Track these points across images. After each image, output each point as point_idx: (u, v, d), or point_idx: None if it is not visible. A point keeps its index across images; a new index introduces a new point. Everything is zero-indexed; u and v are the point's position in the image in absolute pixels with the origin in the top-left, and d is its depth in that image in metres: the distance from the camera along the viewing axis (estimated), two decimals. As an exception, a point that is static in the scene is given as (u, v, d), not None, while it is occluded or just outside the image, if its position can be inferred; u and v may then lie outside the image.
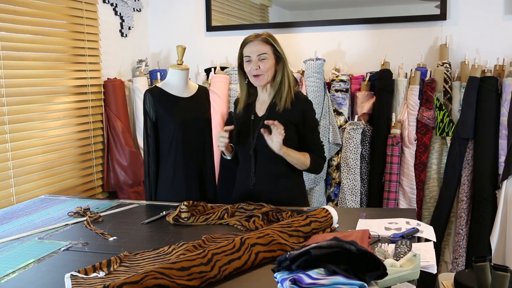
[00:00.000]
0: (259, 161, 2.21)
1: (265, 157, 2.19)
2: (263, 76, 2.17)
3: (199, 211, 2.08)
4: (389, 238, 1.70)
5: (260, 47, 2.16)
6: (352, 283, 1.14)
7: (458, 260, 2.88)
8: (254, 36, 2.19)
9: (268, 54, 2.15)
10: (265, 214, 1.94)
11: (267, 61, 2.15)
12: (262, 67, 2.15)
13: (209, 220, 1.99)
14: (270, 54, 2.17)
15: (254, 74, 2.17)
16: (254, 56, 2.15)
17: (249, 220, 1.90)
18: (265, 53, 2.15)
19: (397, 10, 3.14)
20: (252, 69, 2.16)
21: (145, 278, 1.26)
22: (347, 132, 2.96)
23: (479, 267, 1.69)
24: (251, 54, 2.16)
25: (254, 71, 2.16)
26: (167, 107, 2.37)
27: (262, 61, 2.15)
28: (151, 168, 2.41)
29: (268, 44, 2.17)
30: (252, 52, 2.16)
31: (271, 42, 2.18)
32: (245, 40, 2.20)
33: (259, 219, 1.88)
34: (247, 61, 2.18)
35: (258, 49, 2.16)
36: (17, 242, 1.79)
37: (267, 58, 2.15)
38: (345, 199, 2.96)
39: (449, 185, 2.90)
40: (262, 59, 2.15)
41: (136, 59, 3.46)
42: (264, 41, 2.17)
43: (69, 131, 2.86)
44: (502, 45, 2.93)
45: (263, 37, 2.18)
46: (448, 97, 2.94)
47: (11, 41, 2.48)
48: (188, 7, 3.55)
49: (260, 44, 2.16)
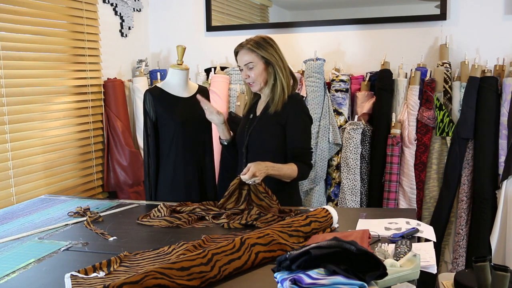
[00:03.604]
0: (249, 158, 2.24)
1: (255, 155, 2.23)
2: (255, 83, 2.25)
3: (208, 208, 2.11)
4: (389, 238, 1.70)
5: (246, 56, 2.22)
6: (352, 283, 1.14)
7: (458, 260, 2.88)
8: (239, 46, 2.25)
9: (254, 62, 2.20)
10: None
11: (255, 68, 2.21)
12: (251, 76, 2.22)
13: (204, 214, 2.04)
14: (257, 61, 2.21)
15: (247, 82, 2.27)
16: (243, 66, 2.23)
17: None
18: (251, 61, 2.20)
19: (397, 10, 3.14)
20: (244, 78, 2.25)
21: (145, 278, 1.26)
22: (347, 132, 2.96)
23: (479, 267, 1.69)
24: (240, 64, 2.24)
25: (245, 80, 2.25)
26: (167, 107, 2.38)
27: (250, 70, 2.21)
28: (151, 168, 2.41)
29: (253, 52, 2.20)
30: (241, 62, 2.24)
31: (254, 49, 2.20)
32: (235, 49, 2.27)
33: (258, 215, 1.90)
34: (240, 69, 2.27)
35: (245, 59, 2.22)
36: (17, 242, 1.79)
37: (255, 66, 2.21)
38: (345, 199, 2.96)
39: (449, 185, 2.90)
40: (250, 68, 2.21)
41: (136, 59, 3.46)
42: (249, 50, 2.21)
43: (69, 131, 2.86)
44: (502, 45, 2.93)
45: (248, 46, 2.21)
46: (448, 97, 2.94)
47: (11, 41, 2.48)
48: (188, 7, 3.55)
49: (246, 53, 2.22)
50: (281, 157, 2.22)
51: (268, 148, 2.24)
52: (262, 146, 2.25)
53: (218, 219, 1.99)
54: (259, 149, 2.24)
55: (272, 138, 2.22)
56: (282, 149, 2.23)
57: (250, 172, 2.00)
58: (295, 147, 2.22)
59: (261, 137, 2.25)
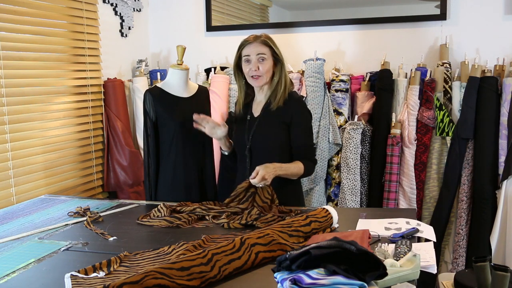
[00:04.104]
0: (254, 161, 2.23)
1: (260, 157, 2.21)
2: (261, 78, 2.21)
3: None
4: (389, 238, 1.70)
5: (259, 48, 2.20)
6: (352, 283, 1.14)
7: (458, 260, 2.88)
8: (253, 37, 2.23)
9: (267, 55, 2.19)
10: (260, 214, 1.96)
11: (266, 62, 2.19)
12: (261, 69, 2.19)
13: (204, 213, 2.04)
14: (269, 56, 2.20)
15: (252, 75, 2.22)
16: (254, 56, 2.19)
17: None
18: (264, 53, 2.19)
19: (397, 10, 3.14)
20: (251, 70, 2.20)
21: (145, 278, 1.26)
22: (347, 132, 2.96)
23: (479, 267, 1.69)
24: (250, 54, 2.19)
25: (253, 72, 2.20)
26: (167, 107, 2.38)
27: (261, 63, 2.19)
28: (151, 168, 2.41)
29: (267, 46, 2.21)
30: (252, 52, 2.19)
31: (269, 44, 2.21)
32: (244, 41, 2.24)
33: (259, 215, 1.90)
34: (246, 61, 2.22)
35: (257, 49, 2.19)
36: (17, 242, 1.79)
37: (266, 59, 2.19)
38: (345, 199, 2.96)
39: (449, 185, 2.90)
40: (261, 60, 2.18)
41: (136, 59, 3.46)
42: (263, 43, 2.21)
43: (69, 131, 2.86)
44: (502, 45, 2.93)
45: (262, 39, 2.22)
46: (448, 97, 2.94)
47: (11, 41, 2.48)
48: (188, 7, 3.55)
49: (260, 45, 2.20)
50: (286, 156, 2.22)
51: (273, 149, 2.23)
52: (267, 147, 2.24)
53: (218, 219, 1.99)
54: (264, 150, 2.22)
55: (276, 137, 2.22)
56: (286, 147, 2.23)
57: (259, 176, 2.01)
58: (300, 145, 2.22)
59: (265, 138, 2.24)
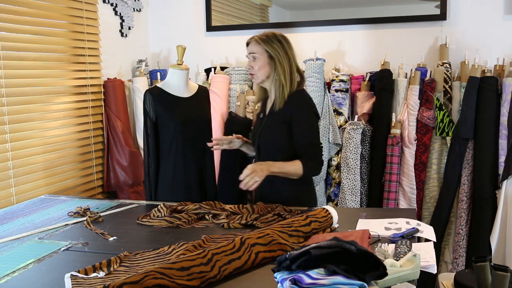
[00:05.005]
0: (262, 158, 2.24)
1: (266, 155, 2.23)
2: (255, 76, 2.25)
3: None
4: (389, 238, 1.70)
5: (252, 47, 2.24)
6: (352, 283, 1.14)
7: (458, 260, 2.88)
8: (253, 37, 2.26)
9: (258, 54, 2.21)
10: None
11: (257, 61, 2.22)
12: (254, 67, 2.23)
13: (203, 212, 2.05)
14: (261, 54, 2.21)
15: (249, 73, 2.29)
16: (249, 55, 2.25)
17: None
18: (255, 53, 2.22)
19: (397, 10, 3.14)
20: (247, 69, 2.30)
21: (145, 278, 1.26)
22: (347, 132, 2.95)
23: (479, 267, 1.69)
24: (247, 54, 2.26)
25: (249, 70, 2.28)
26: (167, 107, 2.38)
27: (253, 61, 2.23)
28: (151, 168, 2.41)
29: (259, 45, 2.22)
30: (247, 52, 2.26)
31: (260, 42, 2.22)
32: (247, 41, 2.29)
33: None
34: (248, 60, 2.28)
35: (250, 49, 2.25)
36: (17, 242, 1.79)
37: (257, 58, 2.22)
38: (345, 199, 2.96)
39: (449, 185, 2.90)
40: (253, 59, 2.23)
41: (136, 59, 3.46)
42: (256, 42, 2.23)
43: (69, 131, 2.86)
44: (502, 45, 2.93)
45: (255, 38, 2.24)
46: (448, 97, 2.94)
47: (11, 41, 2.48)
48: (188, 7, 3.55)
49: (254, 44, 2.24)
50: (291, 155, 2.20)
51: (277, 147, 2.23)
52: (271, 145, 2.24)
53: (218, 219, 1.99)
54: (269, 148, 2.25)
55: (280, 136, 2.21)
56: (291, 146, 2.21)
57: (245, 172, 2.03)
58: (300, 144, 2.20)
59: (270, 136, 2.24)
